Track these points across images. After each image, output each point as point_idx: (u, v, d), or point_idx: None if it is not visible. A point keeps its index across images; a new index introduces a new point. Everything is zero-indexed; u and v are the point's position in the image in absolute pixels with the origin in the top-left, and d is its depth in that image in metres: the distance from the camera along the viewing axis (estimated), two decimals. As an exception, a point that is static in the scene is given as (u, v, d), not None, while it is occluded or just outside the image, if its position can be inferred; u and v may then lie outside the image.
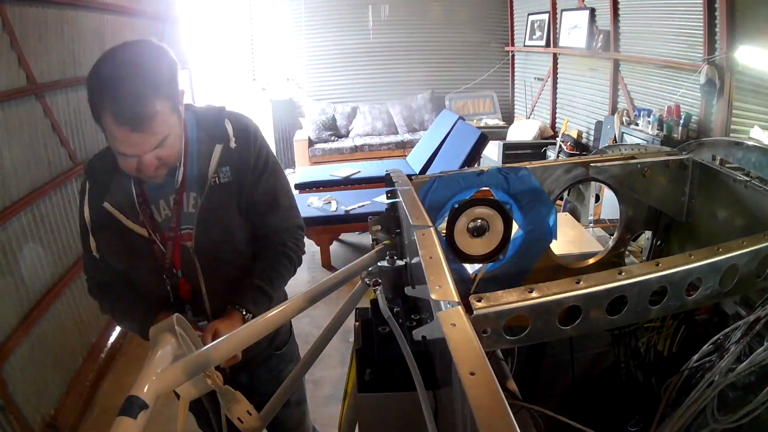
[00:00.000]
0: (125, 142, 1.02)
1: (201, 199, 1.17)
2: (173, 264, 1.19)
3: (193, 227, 1.18)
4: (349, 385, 1.14)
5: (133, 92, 0.99)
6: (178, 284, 1.21)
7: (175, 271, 1.20)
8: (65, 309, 2.66)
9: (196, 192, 1.18)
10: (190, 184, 1.18)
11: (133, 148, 1.03)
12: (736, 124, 3.59)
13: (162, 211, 1.19)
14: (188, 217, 1.18)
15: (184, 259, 1.20)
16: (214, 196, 1.18)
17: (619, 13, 4.70)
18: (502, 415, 0.41)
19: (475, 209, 1.05)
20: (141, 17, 4.03)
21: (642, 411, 1.10)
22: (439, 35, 6.69)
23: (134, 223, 1.16)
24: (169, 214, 1.18)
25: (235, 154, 1.19)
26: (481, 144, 4.33)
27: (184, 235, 1.19)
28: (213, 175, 1.17)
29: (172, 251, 1.18)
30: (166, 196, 1.18)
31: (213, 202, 1.18)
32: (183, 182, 1.17)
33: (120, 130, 1.00)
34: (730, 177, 1.10)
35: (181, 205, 1.18)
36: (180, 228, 1.18)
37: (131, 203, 1.17)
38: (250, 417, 0.91)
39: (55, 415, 2.40)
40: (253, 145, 1.22)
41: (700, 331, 1.08)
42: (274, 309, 0.93)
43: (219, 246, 1.21)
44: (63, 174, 2.75)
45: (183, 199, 1.18)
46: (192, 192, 1.18)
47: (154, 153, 1.05)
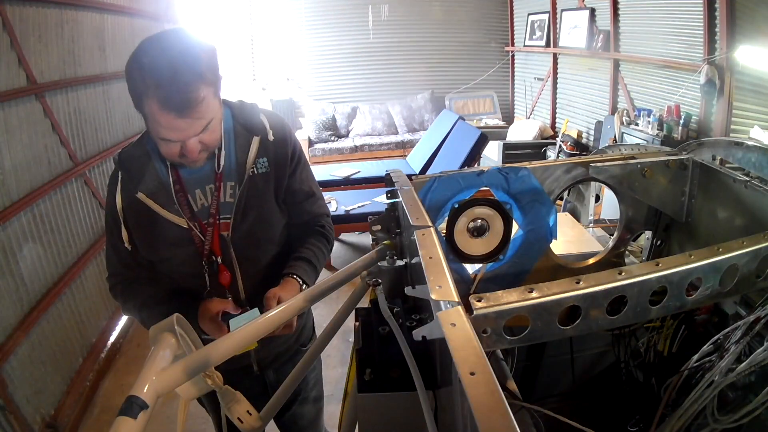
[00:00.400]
0: (171, 128, 1.03)
1: (240, 189, 1.19)
2: (212, 251, 1.21)
3: (230, 216, 1.20)
4: (349, 385, 1.14)
5: (177, 78, 0.99)
6: (218, 271, 1.22)
7: (214, 258, 1.22)
8: (65, 309, 2.66)
9: (234, 181, 1.20)
10: (227, 174, 1.20)
11: (178, 133, 1.04)
12: (736, 124, 3.59)
13: (198, 200, 1.21)
14: (225, 206, 1.21)
15: (222, 247, 1.22)
16: (252, 186, 1.21)
17: (619, 13, 4.70)
18: (502, 415, 0.41)
19: (475, 209, 1.05)
20: (141, 17, 4.03)
21: (642, 411, 1.10)
22: (439, 35, 6.69)
23: (170, 212, 1.17)
24: (206, 203, 1.21)
25: (272, 147, 1.23)
26: (481, 144, 4.33)
27: (221, 224, 1.21)
28: (251, 165, 1.21)
29: (211, 239, 1.20)
30: (202, 186, 1.20)
31: (252, 191, 1.21)
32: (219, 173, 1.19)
33: (166, 116, 1.00)
34: (730, 177, 1.10)
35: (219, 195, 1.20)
36: (219, 217, 1.20)
37: (166, 193, 1.18)
38: (250, 417, 0.91)
39: (55, 415, 2.40)
40: (289, 139, 1.28)
41: (700, 331, 1.08)
42: (274, 309, 0.93)
43: (255, 234, 1.24)
44: (63, 174, 2.75)
45: (221, 189, 1.20)
46: (229, 181, 1.21)
47: (197, 137, 1.07)
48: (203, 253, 1.21)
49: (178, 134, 1.04)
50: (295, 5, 6.26)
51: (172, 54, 1.01)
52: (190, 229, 1.19)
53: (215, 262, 1.22)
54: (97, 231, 3.11)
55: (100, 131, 3.29)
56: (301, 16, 6.31)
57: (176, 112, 1.00)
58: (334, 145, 6.13)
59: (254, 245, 1.25)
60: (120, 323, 3.29)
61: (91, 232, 3.04)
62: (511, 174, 1.14)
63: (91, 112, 3.18)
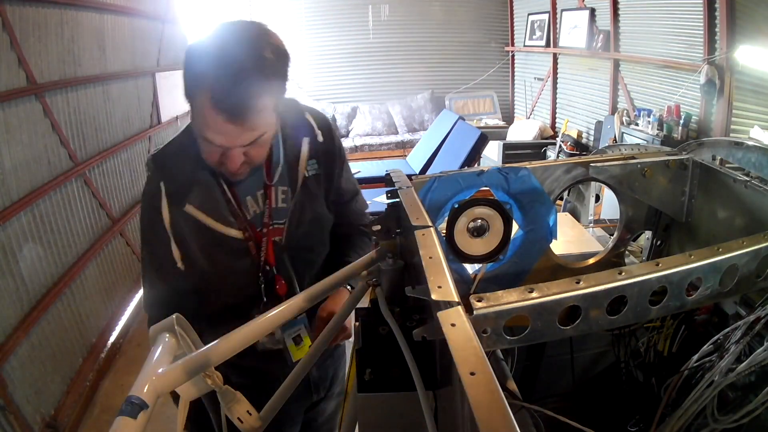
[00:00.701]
0: (217, 130, 0.92)
1: (295, 194, 1.14)
2: (267, 261, 1.14)
3: (284, 222, 1.15)
4: (349, 385, 1.15)
5: (241, 78, 0.89)
6: (273, 281, 1.16)
7: (269, 269, 1.15)
8: (65, 309, 2.66)
9: (286, 186, 1.14)
10: (280, 179, 1.14)
11: (223, 138, 0.94)
12: (736, 124, 3.59)
13: (251, 208, 1.13)
14: (277, 212, 1.15)
15: (276, 255, 1.16)
16: (306, 190, 1.15)
17: (619, 13, 4.70)
18: (502, 415, 0.41)
19: (475, 209, 1.05)
20: (141, 17, 4.03)
21: (642, 411, 1.10)
22: (439, 35, 6.70)
23: (224, 224, 1.08)
24: (258, 210, 1.13)
25: (321, 147, 1.17)
26: (481, 144, 4.33)
27: (274, 230, 1.15)
28: (304, 169, 1.14)
29: (266, 248, 1.14)
30: (252, 192, 1.13)
31: (305, 195, 1.16)
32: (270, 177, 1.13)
33: (215, 116, 0.90)
34: (730, 177, 1.10)
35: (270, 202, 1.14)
36: (271, 224, 1.14)
37: (217, 203, 1.08)
38: (250, 417, 0.91)
39: (55, 415, 2.40)
40: (335, 138, 1.22)
41: (700, 331, 1.08)
42: (274, 309, 0.93)
43: (309, 238, 1.19)
44: (63, 174, 2.76)
45: (272, 195, 1.14)
46: (281, 186, 1.14)
47: (242, 150, 0.97)
48: (259, 263, 1.14)
49: (223, 139, 0.94)
50: (295, 5, 6.27)
51: (244, 49, 0.91)
52: (246, 240, 1.11)
53: (271, 272, 1.15)
54: (97, 231, 3.12)
55: (100, 131, 3.29)
56: (301, 16, 6.32)
57: (228, 115, 0.90)
58: (334, 145, 6.13)
59: (308, 250, 1.21)
60: (120, 323, 3.29)
61: (91, 232, 3.04)
62: (511, 174, 1.14)
63: (91, 112, 3.18)
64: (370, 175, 4.69)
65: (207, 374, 0.83)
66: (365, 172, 4.77)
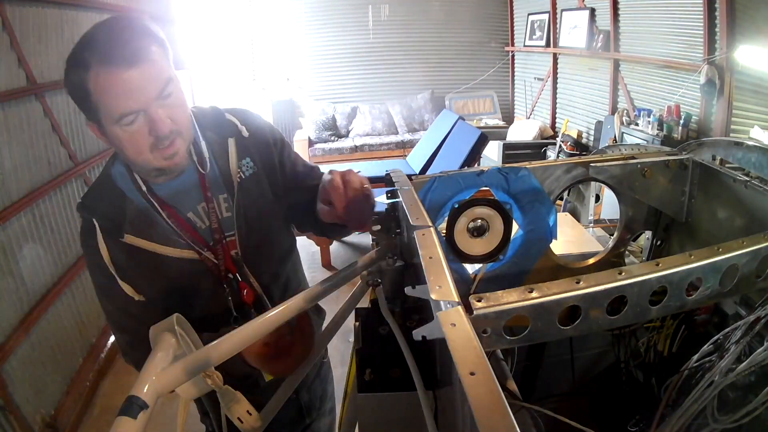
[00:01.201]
0: (124, 90, 0.87)
1: (234, 199, 1.08)
2: (228, 270, 1.09)
3: (234, 232, 1.09)
4: (349, 385, 1.14)
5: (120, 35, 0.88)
6: (239, 290, 1.10)
7: (232, 277, 1.09)
8: (65, 309, 2.66)
9: (225, 193, 1.09)
10: (215, 186, 1.08)
11: (135, 94, 0.88)
12: (736, 124, 3.59)
13: (196, 224, 1.07)
14: (225, 222, 1.09)
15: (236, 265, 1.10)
16: (245, 192, 1.09)
17: (619, 13, 4.70)
18: (502, 415, 0.41)
19: (475, 209, 1.05)
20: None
21: (642, 411, 1.10)
22: (439, 35, 6.70)
23: (171, 246, 1.02)
24: (204, 225, 1.07)
25: (250, 143, 1.12)
26: (481, 144, 4.33)
27: (228, 243, 1.09)
28: (237, 170, 1.09)
29: (224, 258, 1.08)
30: (193, 207, 1.07)
31: (246, 198, 1.09)
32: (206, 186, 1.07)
33: (114, 73, 0.86)
34: (730, 177, 1.10)
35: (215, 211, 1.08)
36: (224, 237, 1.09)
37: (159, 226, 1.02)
38: (250, 417, 0.91)
39: (55, 415, 2.40)
40: (265, 128, 1.17)
41: (700, 331, 1.08)
42: (274, 309, 0.93)
43: (266, 242, 1.15)
44: (63, 174, 2.76)
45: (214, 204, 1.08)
46: (221, 194, 1.08)
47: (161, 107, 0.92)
48: (221, 276, 1.08)
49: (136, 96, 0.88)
50: (295, 5, 6.27)
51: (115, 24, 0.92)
52: (201, 260, 1.05)
53: (234, 281, 1.10)
54: (97, 231, 3.11)
55: (100, 131, 3.29)
56: (301, 16, 6.32)
57: (122, 64, 0.86)
58: (334, 145, 6.13)
59: (268, 254, 1.16)
60: (120, 323, 3.29)
61: (91, 232, 3.04)
62: (511, 174, 1.14)
63: (91, 112, 3.18)
64: (370, 175, 4.62)
65: (207, 374, 0.83)
66: (365, 172, 4.74)
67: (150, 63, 0.89)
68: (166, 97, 0.92)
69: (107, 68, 0.86)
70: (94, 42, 0.88)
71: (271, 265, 1.18)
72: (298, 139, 6.10)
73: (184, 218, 1.05)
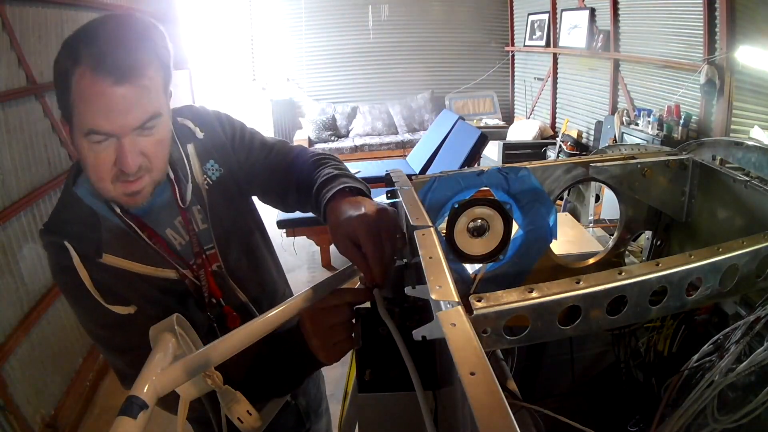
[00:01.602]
0: (104, 104, 0.77)
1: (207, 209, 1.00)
2: (212, 294, 1.00)
3: (212, 244, 1.01)
4: (349, 385, 1.14)
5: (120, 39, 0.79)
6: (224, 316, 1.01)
7: (215, 302, 1.00)
8: (65, 309, 2.66)
9: (198, 204, 1.01)
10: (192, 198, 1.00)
11: (113, 116, 0.78)
12: (736, 124, 3.59)
13: (174, 241, 0.98)
14: (203, 235, 1.01)
15: (219, 285, 1.02)
16: (216, 198, 1.02)
17: (619, 13, 4.71)
18: (502, 415, 0.41)
19: (475, 209, 1.05)
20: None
21: (642, 411, 1.10)
22: (439, 35, 6.70)
23: (152, 266, 0.94)
24: (183, 241, 0.99)
25: (208, 143, 1.03)
26: (481, 144, 4.33)
27: (209, 257, 1.01)
28: (203, 177, 1.01)
29: (206, 282, 0.99)
30: (170, 223, 0.98)
31: (219, 205, 1.02)
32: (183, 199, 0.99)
33: (100, 83, 0.76)
34: (730, 177, 1.10)
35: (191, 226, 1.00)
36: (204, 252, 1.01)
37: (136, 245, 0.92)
38: (250, 417, 0.91)
39: (55, 415, 2.40)
40: (217, 122, 1.06)
41: (700, 331, 1.08)
42: (273, 309, 0.93)
43: (244, 248, 1.07)
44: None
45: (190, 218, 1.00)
46: (195, 206, 1.00)
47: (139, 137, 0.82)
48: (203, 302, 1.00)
49: (113, 118, 0.78)
50: (295, 5, 6.27)
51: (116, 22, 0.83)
52: (182, 278, 0.97)
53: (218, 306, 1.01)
54: (97, 231, 3.11)
55: (100, 131, 3.29)
56: (301, 16, 6.32)
57: (112, 75, 0.76)
58: (334, 145, 6.13)
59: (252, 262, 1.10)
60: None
61: (91, 232, 3.04)
62: (511, 174, 1.14)
63: (91, 112, 3.18)
64: (370, 175, 4.69)
65: (207, 374, 0.83)
66: (365, 172, 4.77)
67: (142, 88, 0.80)
68: (147, 130, 0.83)
69: (95, 74, 0.77)
70: (95, 37, 0.80)
71: (257, 273, 1.11)
72: (298, 140, 6.11)
73: (162, 236, 0.96)
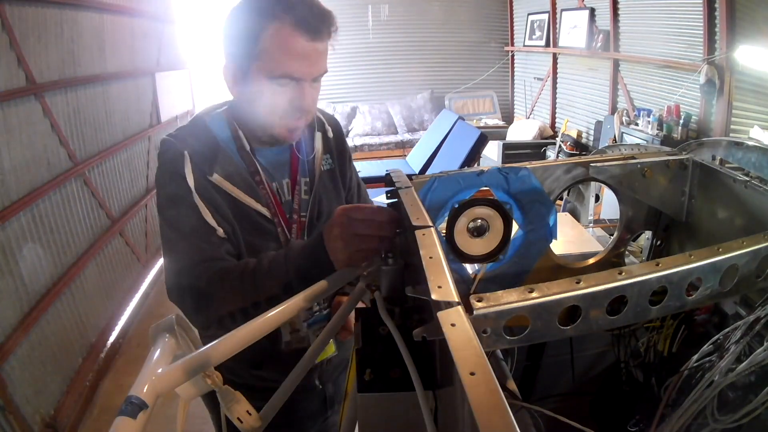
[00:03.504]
0: (300, 55, 0.95)
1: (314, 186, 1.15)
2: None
3: (306, 214, 1.14)
4: (349, 385, 1.14)
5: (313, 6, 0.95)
6: None
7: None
8: (65, 309, 2.66)
9: (307, 177, 1.15)
10: (301, 169, 1.15)
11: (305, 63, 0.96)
12: (736, 124, 3.60)
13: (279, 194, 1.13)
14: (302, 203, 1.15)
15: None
16: (322, 183, 1.17)
17: (618, 13, 4.71)
18: (502, 415, 0.41)
19: (475, 209, 1.05)
20: (141, 17, 4.03)
21: (642, 411, 1.10)
22: (438, 35, 6.70)
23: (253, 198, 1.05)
24: (284, 198, 1.13)
25: (332, 143, 1.21)
26: (481, 144, 4.34)
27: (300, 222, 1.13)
28: (320, 161, 1.17)
29: (296, 232, 1.12)
30: (279, 180, 1.12)
31: (322, 188, 1.17)
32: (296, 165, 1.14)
33: (298, 38, 0.93)
34: (730, 177, 1.10)
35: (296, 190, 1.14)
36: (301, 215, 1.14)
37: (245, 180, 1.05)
38: (250, 417, 0.91)
39: (55, 415, 2.40)
40: (343, 136, 1.27)
41: (700, 331, 1.08)
42: (273, 309, 0.93)
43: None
44: (63, 174, 2.76)
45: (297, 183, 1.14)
46: (303, 177, 1.15)
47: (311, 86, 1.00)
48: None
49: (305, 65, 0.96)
50: (295, 5, 6.26)
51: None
52: (274, 222, 1.08)
53: None
54: (96, 231, 3.12)
55: (100, 131, 3.29)
56: (301, 16, 6.31)
57: (310, 34, 0.93)
58: (333, 145, 6.13)
59: None
60: (120, 323, 3.29)
61: (90, 232, 3.04)
62: (511, 174, 1.14)
63: (91, 112, 3.18)
64: (370, 175, 4.68)
65: (207, 374, 0.83)
66: (365, 172, 4.76)
67: (326, 45, 0.98)
68: (317, 82, 1.01)
69: (295, 31, 0.92)
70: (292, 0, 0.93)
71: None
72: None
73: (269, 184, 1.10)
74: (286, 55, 0.95)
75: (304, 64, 0.96)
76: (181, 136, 1.05)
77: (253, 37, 0.95)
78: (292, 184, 1.13)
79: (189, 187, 0.98)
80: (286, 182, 1.13)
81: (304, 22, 0.93)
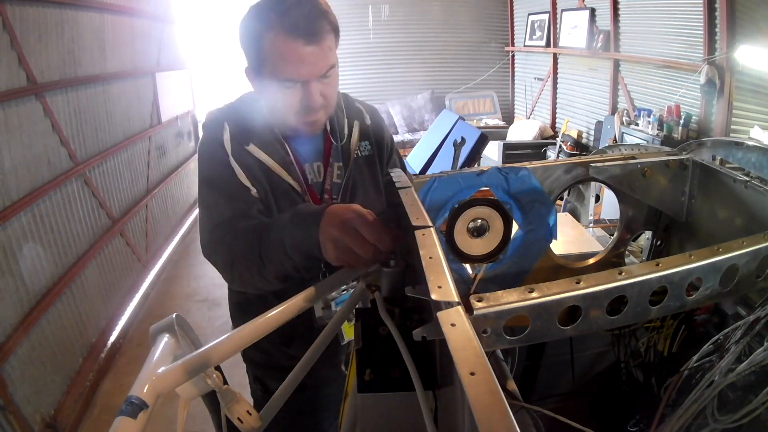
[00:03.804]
0: (297, 59, 0.99)
1: (347, 171, 1.19)
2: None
3: (338, 197, 1.18)
4: (349, 385, 1.14)
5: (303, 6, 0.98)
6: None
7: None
8: (65, 309, 2.66)
9: (341, 162, 1.20)
10: (335, 153, 1.19)
11: (304, 68, 1.00)
12: (736, 124, 3.60)
13: (309, 175, 1.18)
14: (334, 186, 1.19)
15: None
16: (358, 169, 1.21)
17: (619, 13, 4.71)
18: (502, 415, 0.41)
19: (475, 209, 1.05)
20: (141, 17, 4.03)
21: (642, 411, 1.10)
22: (439, 35, 6.70)
23: (285, 171, 1.12)
24: (316, 180, 1.18)
25: (370, 130, 1.26)
26: (481, 144, 4.33)
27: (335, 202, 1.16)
28: (356, 148, 1.21)
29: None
30: (311, 162, 1.18)
31: (358, 174, 1.21)
32: (329, 150, 1.19)
33: (292, 44, 0.97)
34: (730, 177, 1.10)
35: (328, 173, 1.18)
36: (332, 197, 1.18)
37: (280, 153, 1.12)
38: (250, 417, 0.91)
39: (55, 414, 2.40)
40: (384, 125, 1.32)
41: (700, 331, 1.08)
42: (274, 309, 0.93)
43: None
44: (63, 174, 2.76)
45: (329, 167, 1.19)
46: (336, 162, 1.20)
47: (319, 84, 1.04)
48: None
49: (305, 68, 1.00)
50: (295, 5, 6.26)
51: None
52: (305, 199, 1.13)
53: None
54: (97, 231, 3.12)
55: (100, 131, 3.29)
56: (301, 16, 6.31)
57: (304, 38, 0.97)
58: (334, 145, 6.13)
59: None
60: (120, 323, 3.29)
61: (91, 232, 3.04)
62: (511, 174, 1.14)
63: (91, 112, 3.18)
64: (370, 175, 4.69)
65: (207, 374, 0.83)
66: (365, 172, 4.77)
67: (324, 47, 1.01)
68: (325, 78, 1.04)
69: (289, 37, 0.97)
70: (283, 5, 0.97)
71: None
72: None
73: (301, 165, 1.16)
74: (284, 61, 0.99)
75: (304, 67, 1.00)
76: (224, 109, 1.16)
77: (257, 45, 1.01)
78: (324, 167, 1.18)
79: (226, 151, 1.08)
80: (317, 165, 1.18)
81: (296, 28, 0.96)
